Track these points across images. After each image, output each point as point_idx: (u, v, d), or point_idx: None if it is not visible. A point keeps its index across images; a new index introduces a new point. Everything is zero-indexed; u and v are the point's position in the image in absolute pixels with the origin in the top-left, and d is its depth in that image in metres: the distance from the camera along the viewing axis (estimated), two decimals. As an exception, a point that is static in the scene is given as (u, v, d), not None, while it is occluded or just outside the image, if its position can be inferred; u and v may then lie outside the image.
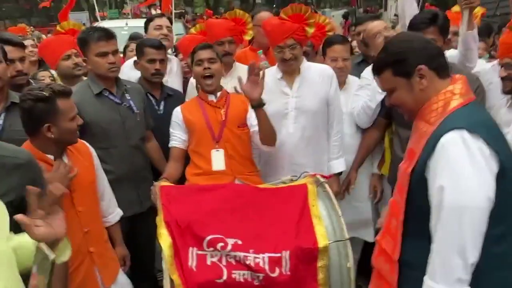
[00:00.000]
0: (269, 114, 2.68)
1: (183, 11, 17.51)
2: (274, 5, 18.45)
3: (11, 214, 1.47)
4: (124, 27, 8.45)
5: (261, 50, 3.37)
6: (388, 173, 2.86)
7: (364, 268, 2.53)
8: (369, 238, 3.05)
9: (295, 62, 2.68)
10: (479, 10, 3.73)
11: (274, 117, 2.67)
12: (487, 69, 2.72)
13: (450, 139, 1.42)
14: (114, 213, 2.36)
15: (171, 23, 3.97)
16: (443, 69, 1.56)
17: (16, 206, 1.55)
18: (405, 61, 1.54)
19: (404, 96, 1.58)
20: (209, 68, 2.53)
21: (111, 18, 18.68)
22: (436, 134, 1.46)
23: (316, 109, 2.72)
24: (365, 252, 3.16)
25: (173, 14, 11.62)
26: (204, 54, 2.55)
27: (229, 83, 2.88)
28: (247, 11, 3.59)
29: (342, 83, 2.95)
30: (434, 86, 1.54)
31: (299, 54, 2.69)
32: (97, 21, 12.59)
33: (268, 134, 2.50)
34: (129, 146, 2.62)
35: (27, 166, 1.63)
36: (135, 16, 19.71)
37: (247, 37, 3.27)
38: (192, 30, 3.68)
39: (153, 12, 20.67)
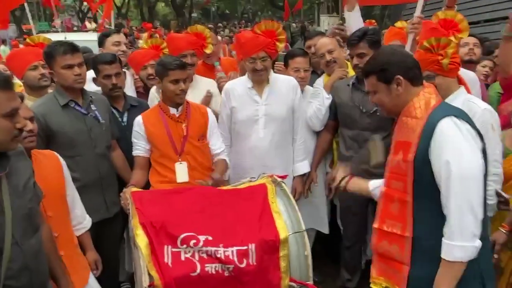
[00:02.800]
0: (241, 120, 2.99)
1: (121, 23, 17.28)
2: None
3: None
4: (60, 41, 8.29)
5: (217, 62, 3.61)
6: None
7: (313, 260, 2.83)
8: (325, 229, 3.38)
9: (265, 72, 2.97)
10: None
11: (245, 123, 2.99)
12: None
13: (445, 124, 1.79)
14: (85, 221, 2.45)
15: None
16: (416, 79, 1.95)
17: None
18: (387, 71, 1.92)
19: (383, 98, 1.97)
20: (183, 90, 2.72)
21: (41, 31, 17.94)
22: (430, 123, 1.81)
23: (283, 116, 3.02)
24: (314, 246, 3.50)
25: (112, 26, 11.52)
26: (182, 75, 2.71)
27: (190, 94, 3.07)
28: (183, 26, 3.81)
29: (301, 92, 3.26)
30: (409, 92, 1.92)
31: (269, 65, 2.99)
32: (27, 34, 12.13)
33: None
34: (96, 154, 2.73)
35: (24, 152, 1.84)
36: (68, 29, 19.11)
37: (208, 51, 3.45)
38: (144, 45, 3.78)
39: (88, 24, 20.17)
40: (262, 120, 2.99)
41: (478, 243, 1.74)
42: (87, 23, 19.63)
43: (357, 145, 2.97)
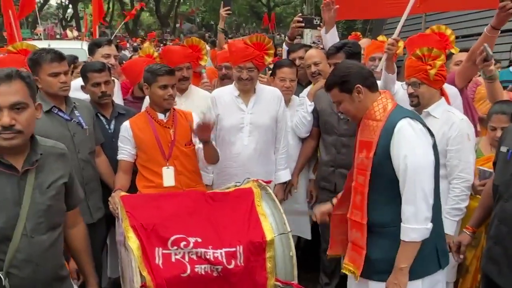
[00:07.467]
0: (226, 127, 3.07)
1: (105, 31, 17.25)
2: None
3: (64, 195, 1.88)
4: (46, 48, 8.26)
5: (204, 69, 3.70)
6: (316, 174, 3.34)
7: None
8: (307, 235, 3.48)
9: (250, 82, 3.09)
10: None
11: (230, 130, 3.08)
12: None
13: (402, 125, 2.06)
14: None
15: None
16: (373, 86, 2.21)
17: (66, 188, 1.91)
18: (348, 82, 2.16)
19: (348, 106, 2.20)
20: (171, 95, 2.81)
21: (23, 39, 17.71)
22: (389, 124, 2.08)
23: (267, 125, 3.14)
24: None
25: (97, 36, 11.54)
26: (170, 80, 2.81)
27: (183, 104, 3.17)
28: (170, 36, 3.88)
29: (287, 101, 3.41)
30: (368, 98, 2.17)
31: (255, 76, 3.11)
32: (5, 42, 12.01)
33: (212, 158, 2.85)
34: (79, 159, 2.76)
35: (67, 155, 1.94)
36: (51, 37, 19.01)
37: (203, 63, 3.51)
38: (141, 53, 3.84)
39: (69, 33, 20.06)
40: (247, 128, 3.11)
41: (430, 225, 2.02)
42: (68, 31, 19.49)
43: (335, 150, 3.15)
